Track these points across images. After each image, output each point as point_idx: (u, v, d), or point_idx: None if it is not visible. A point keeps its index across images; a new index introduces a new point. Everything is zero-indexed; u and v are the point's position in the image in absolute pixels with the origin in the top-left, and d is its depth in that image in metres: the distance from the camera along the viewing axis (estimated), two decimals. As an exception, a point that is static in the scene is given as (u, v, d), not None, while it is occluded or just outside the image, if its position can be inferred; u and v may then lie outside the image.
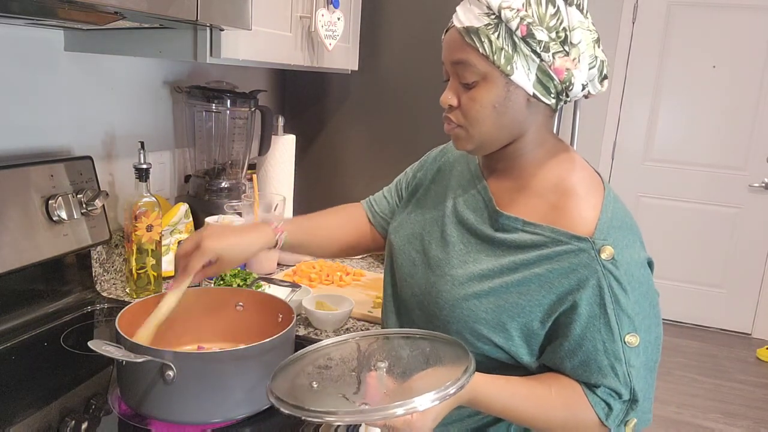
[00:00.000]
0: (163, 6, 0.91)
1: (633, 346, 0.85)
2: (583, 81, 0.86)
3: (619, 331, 0.84)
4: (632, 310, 0.85)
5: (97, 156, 1.35)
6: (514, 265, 0.88)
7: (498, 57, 0.82)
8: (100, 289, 1.36)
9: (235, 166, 1.67)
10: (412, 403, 0.69)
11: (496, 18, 0.82)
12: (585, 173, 0.92)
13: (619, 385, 0.86)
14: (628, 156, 4.05)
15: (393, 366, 0.81)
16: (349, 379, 0.81)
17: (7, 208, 1.10)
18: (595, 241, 0.84)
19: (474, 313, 0.89)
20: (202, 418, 0.88)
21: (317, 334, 1.24)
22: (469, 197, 0.98)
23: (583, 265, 0.83)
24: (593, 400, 0.87)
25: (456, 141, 0.93)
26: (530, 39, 0.81)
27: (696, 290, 4.05)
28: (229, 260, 0.95)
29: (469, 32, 0.84)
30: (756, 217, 3.91)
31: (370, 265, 1.69)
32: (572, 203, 0.87)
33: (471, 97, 0.86)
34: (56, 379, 1.00)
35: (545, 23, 0.82)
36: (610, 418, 0.87)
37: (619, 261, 0.84)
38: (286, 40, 1.37)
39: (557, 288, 0.85)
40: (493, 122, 0.87)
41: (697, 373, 3.49)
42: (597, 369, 0.86)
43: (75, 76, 1.31)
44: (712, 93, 3.84)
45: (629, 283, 0.84)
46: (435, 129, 1.75)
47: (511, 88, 0.85)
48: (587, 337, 0.85)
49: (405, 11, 1.72)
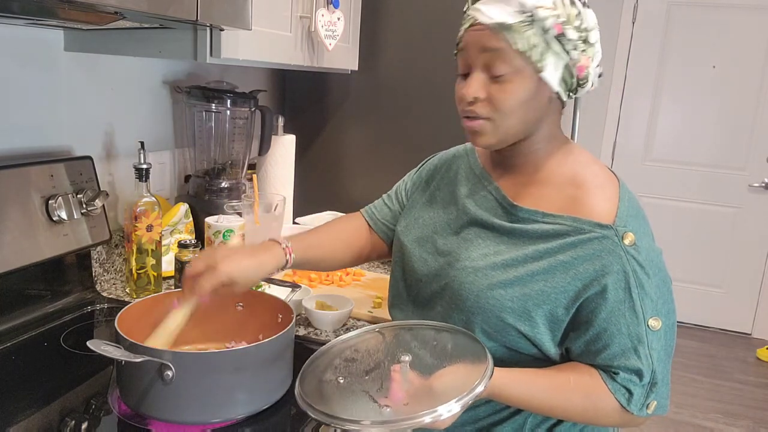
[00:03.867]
0: (163, 6, 0.91)
1: (655, 330, 0.87)
2: (594, 78, 0.90)
3: (643, 314, 0.86)
4: (655, 293, 0.87)
5: (97, 156, 1.35)
6: (538, 254, 0.89)
7: (533, 53, 0.84)
8: (100, 289, 1.36)
9: (235, 166, 1.67)
10: (436, 412, 0.75)
11: (530, 16, 0.84)
12: (597, 166, 0.95)
13: (641, 365, 0.87)
14: (628, 156, 4.05)
15: (416, 360, 0.85)
16: (374, 374, 0.85)
17: (7, 208, 1.10)
18: (617, 228, 0.86)
19: (500, 303, 0.90)
20: (201, 418, 0.88)
21: (317, 334, 1.24)
22: (479, 199, 0.99)
23: (607, 251, 0.86)
24: (613, 387, 0.88)
25: (478, 136, 0.91)
26: (562, 38, 0.84)
27: (696, 290, 4.05)
28: (243, 283, 0.93)
29: (502, 27, 0.84)
30: (756, 217, 3.91)
31: (370, 265, 1.69)
32: (590, 194, 0.90)
33: (502, 89, 0.87)
34: (56, 379, 1.00)
35: (573, 23, 0.85)
36: (632, 403, 0.88)
37: (640, 247, 0.87)
38: (286, 40, 1.37)
39: (582, 274, 0.86)
40: (520, 116, 0.89)
41: (696, 373, 3.49)
42: (620, 352, 0.87)
43: (75, 76, 1.32)
44: (712, 93, 3.84)
45: (651, 267, 0.87)
46: (434, 129, 1.76)
47: (540, 84, 0.87)
48: (612, 322, 0.86)
49: (405, 11, 1.72)
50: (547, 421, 0.98)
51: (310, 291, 1.35)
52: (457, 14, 0.97)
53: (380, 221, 1.17)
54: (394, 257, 1.11)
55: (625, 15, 3.89)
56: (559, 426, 0.98)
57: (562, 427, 0.98)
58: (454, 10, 1.64)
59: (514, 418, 0.97)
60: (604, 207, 0.88)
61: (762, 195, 3.88)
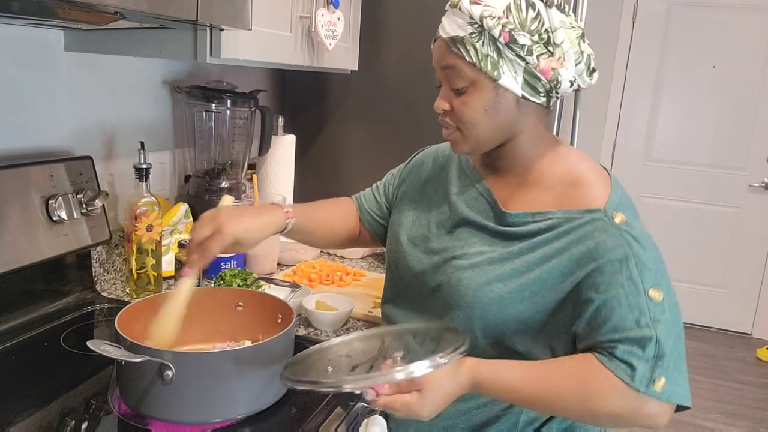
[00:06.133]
0: (163, 6, 0.91)
1: (657, 302, 0.85)
2: (571, 77, 0.90)
3: (642, 284, 0.85)
4: (653, 264, 0.87)
5: (97, 156, 1.35)
6: (532, 245, 0.90)
7: (485, 63, 0.86)
8: (100, 289, 1.36)
9: (235, 166, 1.67)
10: (409, 368, 0.76)
11: (479, 27, 0.86)
12: (589, 163, 0.95)
13: (642, 334, 0.83)
14: (628, 156, 4.05)
15: (407, 355, 0.86)
16: (364, 366, 0.87)
17: (7, 208, 1.10)
18: (607, 210, 0.88)
19: (498, 295, 0.90)
20: (201, 418, 0.88)
21: (317, 334, 1.24)
22: (470, 199, 1.00)
23: (599, 230, 0.87)
24: (613, 366, 0.84)
25: (453, 144, 0.96)
26: (513, 45, 0.85)
27: (696, 290, 4.05)
28: (247, 244, 0.96)
29: (455, 42, 0.87)
30: (756, 217, 3.91)
31: (370, 265, 1.69)
32: (583, 190, 0.91)
33: (462, 101, 0.90)
34: (56, 379, 1.00)
35: (527, 28, 0.86)
36: (635, 379, 0.83)
37: (632, 225, 0.87)
38: (286, 40, 1.37)
39: (576, 255, 0.87)
40: (486, 124, 0.91)
41: (696, 373, 3.49)
42: (620, 324, 0.84)
43: (75, 76, 1.31)
44: (712, 93, 3.84)
45: (645, 241, 0.88)
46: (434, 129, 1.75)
47: (500, 91, 0.88)
48: (611, 294, 0.85)
49: (405, 11, 1.72)
50: (540, 419, 0.98)
51: (310, 291, 1.35)
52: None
53: (366, 210, 1.19)
54: (388, 255, 1.11)
55: (625, 15, 3.88)
56: (551, 422, 0.97)
57: (554, 423, 0.97)
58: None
59: (506, 417, 0.97)
60: (597, 197, 0.90)
61: (762, 195, 3.88)
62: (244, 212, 0.97)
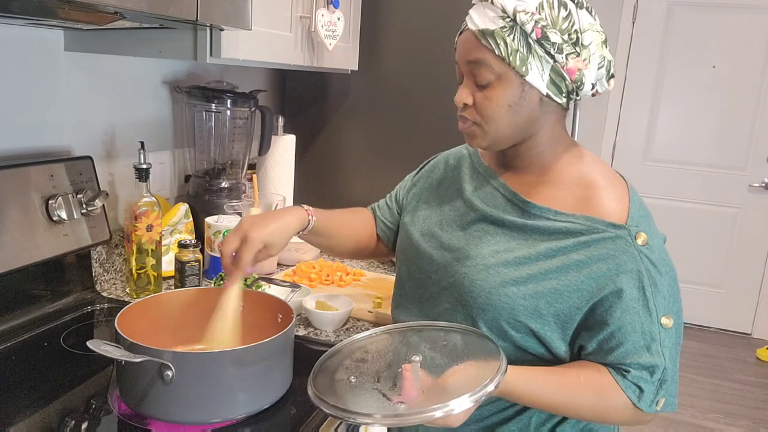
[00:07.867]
0: (163, 6, 0.91)
1: (667, 328, 0.88)
2: (593, 80, 0.90)
3: (656, 312, 0.87)
4: (667, 292, 0.88)
5: (97, 156, 1.35)
6: (551, 252, 0.90)
7: (514, 58, 0.85)
8: (100, 289, 1.36)
9: (235, 166, 1.67)
10: (448, 407, 0.74)
11: (511, 21, 0.85)
12: (605, 168, 0.96)
13: (653, 362, 0.87)
14: (628, 156, 4.05)
15: (427, 360, 0.85)
16: (386, 374, 0.85)
17: (7, 208, 1.10)
18: (630, 228, 0.88)
19: (512, 300, 0.90)
20: (201, 418, 0.88)
21: (317, 334, 1.24)
22: (486, 195, 0.99)
23: (621, 251, 0.87)
24: (624, 385, 0.89)
25: (471, 138, 0.95)
26: (545, 41, 0.85)
27: (696, 290, 4.05)
28: (275, 246, 0.97)
29: (484, 35, 0.86)
30: (756, 217, 3.91)
31: (370, 265, 1.69)
32: (600, 195, 0.91)
33: (486, 96, 0.89)
34: (56, 379, 1.00)
35: (558, 26, 0.85)
36: (642, 399, 0.89)
37: (653, 246, 0.88)
38: (286, 40, 1.37)
39: (596, 273, 0.87)
40: (508, 121, 0.90)
41: (696, 373, 3.49)
42: (633, 350, 0.88)
43: (75, 76, 1.31)
44: (712, 93, 3.84)
45: (663, 266, 0.89)
46: (434, 129, 1.76)
47: (525, 87, 0.88)
48: (626, 320, 0.87)
49: (405, 11, 1.72)
50: (552, 420, 0.98)
51: (310, 291, 1.35)
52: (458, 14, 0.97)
53: (380, 219, 1.19)
54: (398, 256, 1.11)
55: (625, 15, 3.88)
56: (563, 424, 0.98)
57: (566, 425, 0.98)
58: (455, 11, 1.64)
59: (519, 417, 0.97)
60: (616, 207, 0.90)
61: (762, 195, 3.88)
62: (266, 217, 0.98)
